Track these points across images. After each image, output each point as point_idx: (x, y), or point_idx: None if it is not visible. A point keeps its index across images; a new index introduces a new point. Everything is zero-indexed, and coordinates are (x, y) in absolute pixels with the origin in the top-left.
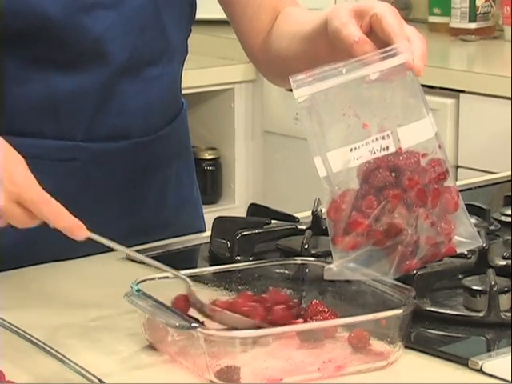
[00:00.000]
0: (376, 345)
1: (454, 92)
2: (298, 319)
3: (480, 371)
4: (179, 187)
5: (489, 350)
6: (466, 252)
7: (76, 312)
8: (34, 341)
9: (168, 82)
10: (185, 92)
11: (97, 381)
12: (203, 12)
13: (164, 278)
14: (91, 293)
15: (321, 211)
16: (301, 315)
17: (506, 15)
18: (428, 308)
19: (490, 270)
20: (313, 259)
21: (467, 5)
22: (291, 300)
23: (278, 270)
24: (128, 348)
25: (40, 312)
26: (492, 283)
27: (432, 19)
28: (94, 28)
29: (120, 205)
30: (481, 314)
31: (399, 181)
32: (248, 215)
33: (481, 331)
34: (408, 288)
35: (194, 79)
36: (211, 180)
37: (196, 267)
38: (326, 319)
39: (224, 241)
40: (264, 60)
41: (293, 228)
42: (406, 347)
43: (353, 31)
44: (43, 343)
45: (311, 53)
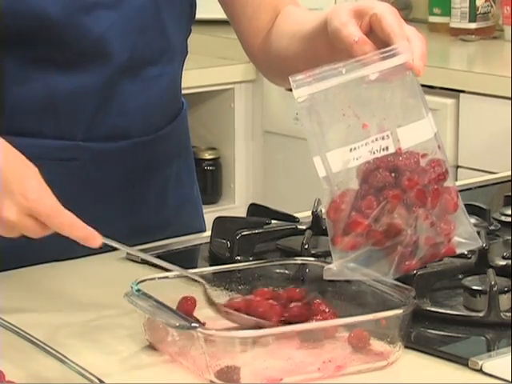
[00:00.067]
0: (376, 345)
1: (454, 92)
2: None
3: (480, 371)
4: (179, 187)
5: (489, 350)
6: (466, 252)
7: (76, 312)
8: (34, 341)
9: (168, 82)
10: (185, 92)
11: (97, 381)
12: (203, 12)
13: (164, 278)
14: (91, 293)
15: (321, 211)
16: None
17: (506, 15)
18: (428, 308)
19: (490, 270)
20: (313, 259)
21: (467, 5)
22: (307, 296)
23: (278, 270)
24: (128, 348)
25: (40, 312)
26: (492, 283)
27: (432, 19)
28: (95, 28)
29: (120, 205)
30: (481, 314)
31: (399, 181)
32: (248, 215)
33: (481, 331)
34: (408, 288)
35: (194, 79)
36: (211, 180)
37: (196, 267)
38: (326, 319)
39: (224, 241)
40: (264, 59)
41: (293, 228)
42: (406, 347)
43: (352, 31)
44: (43, 343)
45: (311, 52)
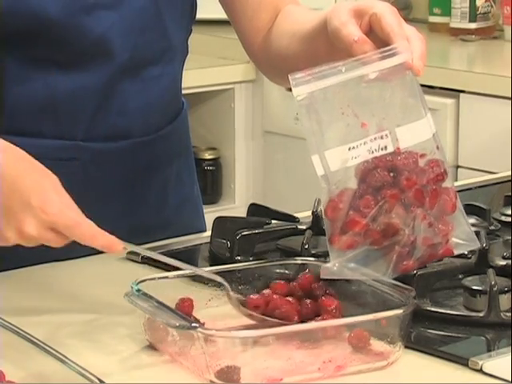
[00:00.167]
0: (376, 345)
1: (454, 92)
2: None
3: (480, 371)
4: (180, 187)
5: (489, 350)
6: (467, 252)
7: (76, 312)
8: (34, 341)
9: (168, 82)
10: (185, 92)
11: (97, 381)
12: (204, 12)
13: (164, 278)
14: (91, 293)
15: (321, 211)
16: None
17: (506, 15)
18: (428, 308)
19: (490, 270)
20: (313, 259)
21: (467, 5)
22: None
23: (278, 270)
24: (128, 348)
25: (40, 312)
26: (492, 283)
27: (432, 19)
28: (95, 28)
29: (120, 205)
30: (481, 314)
31: (397, 181)
32: (248, 215)
33: (481, 331)
34: (408, 288)
35: (194, 79)
36: (211, 180)
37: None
38: (327, 319)
39: (224, 241)
40: (264, 58)
41: (293, 228)
42: (406, 347)
43: (352, 31)
44: (43, 343)
45: (311, 52)
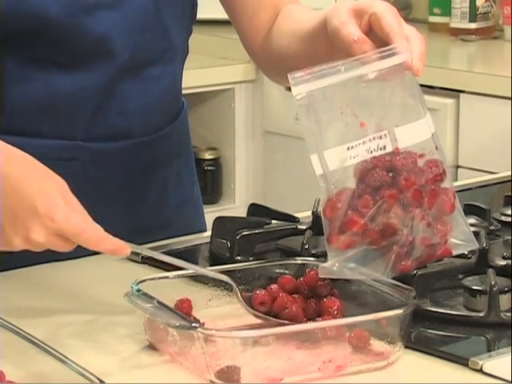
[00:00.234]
0: (376, 345)
1: (454, 92)
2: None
3: (480, 371)
4: (180, 187)
5: (489, 350)
6: (466, 252)
7: (76, 312)
8: (34, 341)
9: (169, 82)
10: (185, 92)
11: (97, 381)
12: (204, 12)
13: (164, 278)
14: (91, 293)
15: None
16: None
17: (506, 15)
18: (428, 308)
19: (490, 270)
20: (313, 259)
21: (467, 5)
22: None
23: (278, 270)
24: (128, 348)
25: (40, 312)
26: (492, 283)
27: (432, 19)
28: (96, 28)
29: (120, 205)
30: (481, 314)
31: (396, 181)
32: (248, 215)
33: (481, 331)
34: (408, 288)
35: (194, 79)
36: (211, 180)
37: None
38: (327, 319)
39: (224, 241)
40: (264, 58)
41: (293, 228)
42: (406, 347)
43: (352, 30)
44: (43, 343)
45: (311, 51)
